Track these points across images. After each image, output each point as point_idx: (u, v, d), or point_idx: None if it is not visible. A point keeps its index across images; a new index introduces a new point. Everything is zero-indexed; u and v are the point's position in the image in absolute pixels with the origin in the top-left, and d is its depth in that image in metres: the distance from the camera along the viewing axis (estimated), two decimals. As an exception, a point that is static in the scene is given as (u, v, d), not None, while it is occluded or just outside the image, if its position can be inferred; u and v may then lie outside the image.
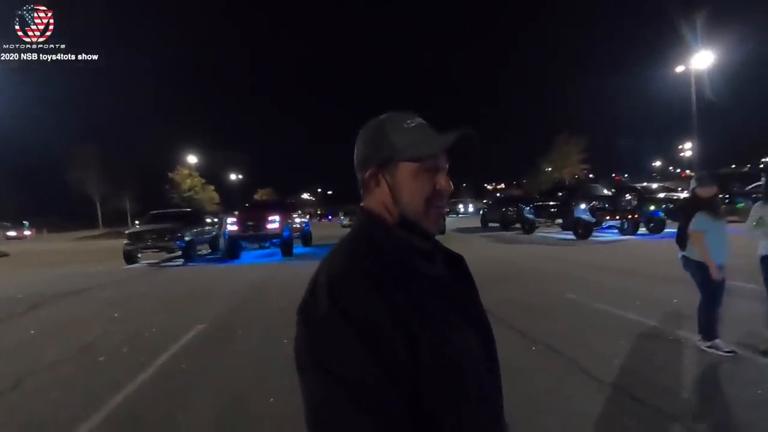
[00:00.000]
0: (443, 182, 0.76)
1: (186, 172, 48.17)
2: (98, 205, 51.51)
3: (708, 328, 3.68)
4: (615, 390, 3.07)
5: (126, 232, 13.76)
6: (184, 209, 18.77)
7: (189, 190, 47.97)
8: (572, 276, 7.60)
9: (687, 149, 46.12)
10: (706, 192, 3.74)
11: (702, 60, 22.07)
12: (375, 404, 0.56)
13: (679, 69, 23.28)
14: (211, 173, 52.80)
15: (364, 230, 0.76)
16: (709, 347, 3.62)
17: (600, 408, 2.83)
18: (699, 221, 3.68)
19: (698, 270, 3.72)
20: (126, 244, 12.75)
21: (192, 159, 48.66)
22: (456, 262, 0.84)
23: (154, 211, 15.14)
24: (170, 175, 48.05)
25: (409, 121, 0.77)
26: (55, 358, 4.35)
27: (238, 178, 59.63)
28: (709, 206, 3.68)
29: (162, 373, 3.83)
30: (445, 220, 20.83)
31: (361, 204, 0.80)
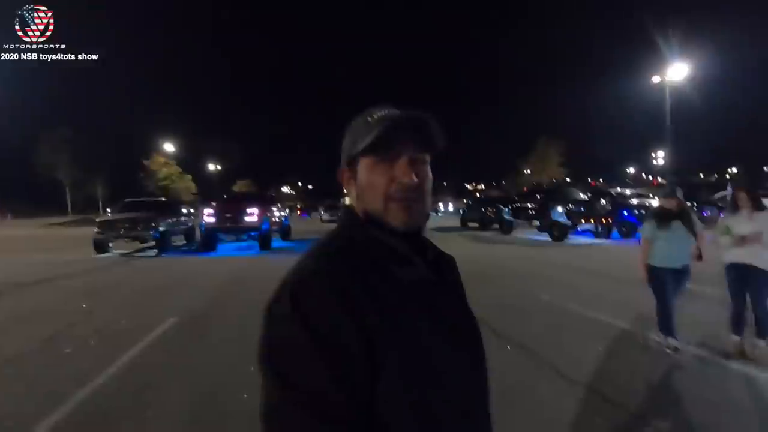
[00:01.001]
0: (399, 172, 0.69)
1: (162, 160, 46.98)
2: (68, 191, 49.60)
3: (662, 326, 3.91)
4: (586, 390, 3.15)
5: (97, 220, 13.30)
6: (158, 198, 18.28)
7: (164, 178, 46.81)
8: (547, 277, 7.77)
9: (660, 157, 47.73)
10: (668, 203, 3.92)
11: (677, 72, 22.81)
12: (328, 415, 0.55)
13: (655, 79, 24.01)
14: (188, 162, 51.66)
15: (342, 228, 0.75)
16: (665, 346, 3.84)
17: (571, 407, 2.90)
18: (644, 229, 4.04)
19: (648, 273, 4.00)
20: (97, 232, 12.31)
21: (169, 147, 47.45)
22: (445, 263, 0.80)
23: (128, 199, 14.68)
24: (145, 162, 46.77)
25: (374, 115, 0.73)
26: (18, 350, 4.18)
27: (216, 169, 58.50)
28: (658, 216, 3.95)
29: (131, 367, 3.73)
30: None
31: (345, 202, 0.80)
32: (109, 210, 17.50)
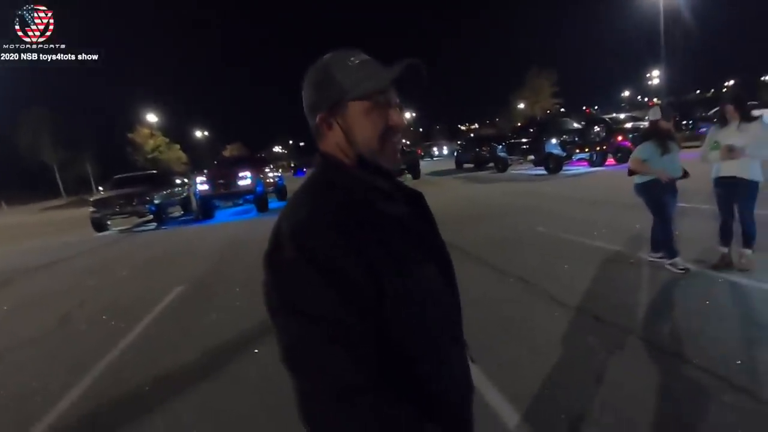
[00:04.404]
0: (395, 117, 0.76)
1: (147, 131, 45.90)
2: (57, 173, 48.86)
3: (667, 246, 3.93)
4: (580, 313, 3.30)
5: (91, 199, 13.23)
6: (149, 171, 18.05)
7: (153, 150, 45.99)
8: (542, 210, 7.85)
9: (655, 77, 46.48)
10: (667, 124, 3.86)
11: (670, -18, 21.65)
12: (345, 337, 0.61)
13: (648, -7, 22.81)
14: (175, 132, 50.51)
15: (323, 174, 0.77)
16: (670, 265, 3.89)
17: (566, 330, 3.04)
18: (644, 150, 3.90)
19: (644, 191, 3.98)
20: (92, 212, 12.29)
21: (152, 118, 46.17)
22: (415, 199, 0.86)
23: (118, 176, 14.50)
24: (130, 135, 45.74)
25: (353, 59, 0.75)
26: (34, 331, 4.32)
27: (204, 135, 57.30)
28: (660, 137, 3.84)
29: (145, 336, 3.87)
30: (419, 165, 20.81)
31: (319, 149, 0.80)
32: (101, 188, 17.34)
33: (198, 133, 56.72)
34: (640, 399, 2.20)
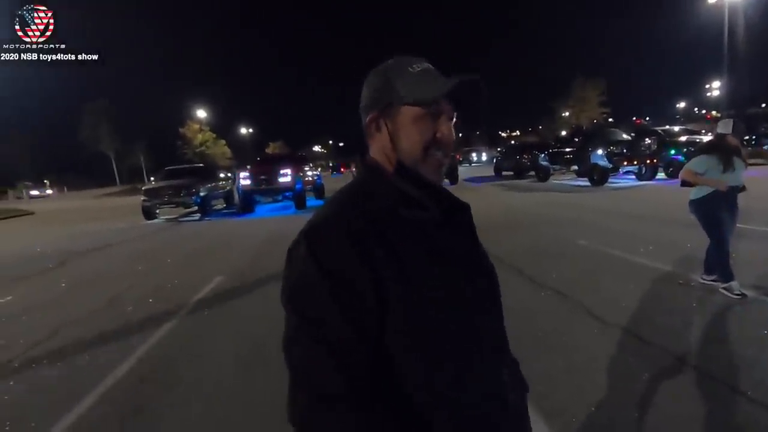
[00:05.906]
0: (444, 129, 0.74)
1: (196, 126, 48.13)
2: (114, 162, 52.17)
3: (722, 268, 3.67)
4: (622, 332, 3.15)
5: (143, 188, 14.03)
6: (197, 164, 18.89)
7: (201, 144, 48.16)
8: (585, 222, 7.57)
9: (715, 89, 43.84)
10: (734, 140, 3.61)
11: (738, -12, 20.32)
12: (334, 343, 0.61)
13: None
14: (222, 128, 52.71)
15: (360, 180, 0.77)
16: (724, 289, 3.64)
17: (606, 348, 2.91)
18: (701, 163, 3.65)
19: (699, 208, 3.73)
20: (144, 200, 13.05)
21: (201, 114, 48.36)
22: (459, 210, 0.81)
23: (169, 167, 15.30)
24: (181, 130, 48.11)
25: (414, 65, 0.76)
26: (86, 309, 4.62)
27: (249, 132, 59.28)
28: (725, 153, 3.57)
29: (186, 321, 4.06)
30: (457, 170, 20.59)
31: (364, 154, 0.80)
32: (152, 178, 18.34)
33: (243, 130, 58.73)
34: (685, 428, 2.08)
